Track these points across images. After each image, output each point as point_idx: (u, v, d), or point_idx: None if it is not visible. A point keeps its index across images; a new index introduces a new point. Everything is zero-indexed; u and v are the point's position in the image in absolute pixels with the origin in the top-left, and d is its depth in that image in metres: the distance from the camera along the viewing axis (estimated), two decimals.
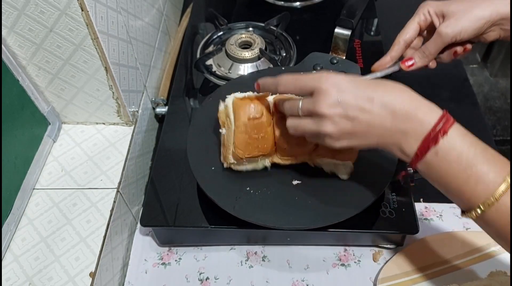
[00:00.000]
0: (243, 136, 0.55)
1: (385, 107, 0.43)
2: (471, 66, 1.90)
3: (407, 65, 0.59)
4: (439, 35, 0.56)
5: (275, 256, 0.65)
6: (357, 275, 0.62)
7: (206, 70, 0.80)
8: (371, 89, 0.44)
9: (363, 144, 0.46)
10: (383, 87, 0.44)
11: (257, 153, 0.56)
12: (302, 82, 0.47)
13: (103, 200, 0.61)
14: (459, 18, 0.55)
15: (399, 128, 0.43)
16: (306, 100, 0.47)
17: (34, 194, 0.62)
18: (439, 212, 0.67)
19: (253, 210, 0.56)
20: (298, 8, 0.96)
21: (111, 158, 0.66)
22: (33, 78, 0.62)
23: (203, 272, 0.64)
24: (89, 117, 0.69)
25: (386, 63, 0.61)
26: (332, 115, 0.44)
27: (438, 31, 0.56)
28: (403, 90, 0.44)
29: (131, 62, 0.69)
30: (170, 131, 0.73)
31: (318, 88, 0.45)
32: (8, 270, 0.55)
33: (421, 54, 0.59)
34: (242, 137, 0.55)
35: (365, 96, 0.43)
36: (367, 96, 0.43)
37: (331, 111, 0.44)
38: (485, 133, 0.75)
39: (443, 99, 0.81)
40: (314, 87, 0.45)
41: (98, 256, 0.56)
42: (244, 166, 0.59)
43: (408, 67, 0.59)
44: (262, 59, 0.81)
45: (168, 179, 0.67)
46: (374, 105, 0.43)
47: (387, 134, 0.44)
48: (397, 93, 0.44)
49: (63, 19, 0.54)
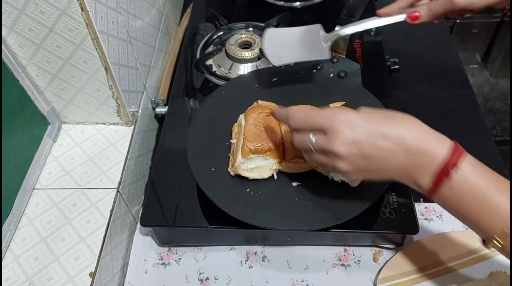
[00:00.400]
0: (253, 129, 0.58)
1: (398, 143, 0.43)
2: (471, 67, 1.90)
3: (413, 17, 0.59)
4: (450, 1, 0.55)
5: (275, 256, 0.65)
6: (357, 275, 0.62)
7: (206, 70, 0.80)
8: (383, 125, 0.44)
9: (378, 178, 0.46)
10: (394, 122, 0.44)
11: (266, 146, 0.57)
12: (314, 120, 0.47)
13: (103, 200, 0.61)
14: None
15: (412, 163, 0.43)
16: (319, 137, 0.46)
17: (34, 194, 0.62)
18: (439, 212, 0.67)
19: (253, 211, 0.56)
20: (298, 8, 0.96)
21: (111, 158, 0.66)
22: (33, 78, 0.62)
23: (203, 272, 0.64)
24: (89, 117, 0.69)
25: (393, 11, 0.60)
26: (346, 154, 0.44)
27: None
28: (414, 123, 0.44)
29: (131, 62, 0.69)
30: (170, 131, 0.73)
31: (331, 127, 0.45)
32: (8, 270, 0.55)
33: (428, 11, 0.58)
34: (252, 130, 0.57)
35: (378, 133, 0.44)
36: (380, 133, 0.44)
37: (345, 150, 0.44)
38: (485, 134, 0.75)
39: (443, 100, 0.81)
40: (327, 126, 0.45)
41: (98, 256, 0.56)
42: (251, 172, 0.59)
43: (413, 19, 0.59)
44: (262, 59, 0.81)
45: (168, 179, 0.67)
46: (387, 142, 0.43)
47: (401, 169, 0.44)
48: (408, 127, 0.44)
49: (63, 19, 0.54)
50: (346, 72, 0.70)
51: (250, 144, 0.57)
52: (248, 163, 0.58)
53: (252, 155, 0.57)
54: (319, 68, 0.71)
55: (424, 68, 0.85)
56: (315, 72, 0.71)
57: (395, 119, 0.45)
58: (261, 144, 0.57)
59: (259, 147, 0.57)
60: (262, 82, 0.71)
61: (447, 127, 0.75)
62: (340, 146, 0.44)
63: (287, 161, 0.58)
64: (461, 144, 0.76)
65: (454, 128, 0.76)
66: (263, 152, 0.57)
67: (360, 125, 0.44)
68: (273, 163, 0.59)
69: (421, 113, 0.77)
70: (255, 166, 0.59)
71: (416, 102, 0.79)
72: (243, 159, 0.57)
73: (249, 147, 0.57)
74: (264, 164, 0.59)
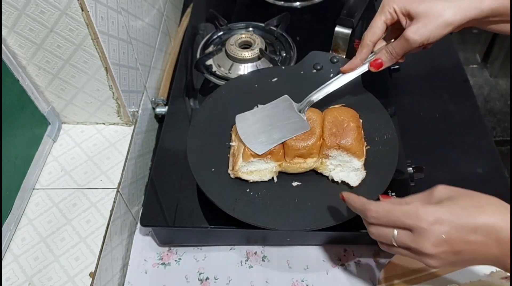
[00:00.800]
0: None
1: (490, 235, 0.42)
2: (471, 67, 1.89)
3: (376, 65, 0.59)
4: (407, 40, 0.55)
5: (275, 256, 0.65)
6: (357, 275, 0.62)
7: (206, 70, 0.80)
8: (472, 217, 0.42)
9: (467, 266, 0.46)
10: (483, 212, 0.42)
11: None
12: (397, 219, 0.44)
13: (103, 200, 0.61)
14: (427, 23, 0.53)
15: (505, 253, 0.42)
16: (404, 235, 0.44)
17: (34, 194, 0.62)
18: None
19: (253, 211, 0.56)
20: (298, 8, 0.96)
21: (111, 158, 0.66)
22: (33, 78, 0.62)
23: (203, 272, 0.64)
24: (89, 117, 0.69)
25: (356, 65, 0.61)
26: (437, 254, 0.43)
27: (406, 36, 0.55)
28: (501, 207, 0.43)
29: (131, 63, 0.69)
30: (170, 132, 0.73)
31: (418, 228, 0.43)
32: (8, 270, 0.55)
33: (389, 55, 0.58)
34: None
35: (468, 227, 0.42)
36: (470, 227, 0.42)
37: (436, 250, 0.43)
38: (485, 134, 0.75)
39: (443, 100, 0.81)
40: (412, 225, 0.43)
41: (98, 256, 0.56)
42: (251, 175, 0.59)
43: (377, 67, 0.59)
44: (262, 59, 0.81)
45: (168, 179, 0.67)
46: (478, 236, 0.42)
47: (494, 259, 0.43)
48: (497, 215, 0.42)
49: (63, 19, 0.54)
50: None
51: None
52: (249, 166, 0.58)
53: (253, 159, 0.57)
54: (319, 68, 0.71)
55: (424, 68, 0.85)
56: (315, 72, 0.71)
57: (482, 207, 0.43)
58: None
59: None
60: (262, 82, 0.71)
61: (447, 127, 0.76)
62: (430, 247, 0.43)
63: (287, 162, 0.58)
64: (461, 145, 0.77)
65: (454, 129, 0.76)
66: (264, 156, 0.57)
67: (448, 221, 0.42)
68: (273, 166, 0.59)
69: (421, 113, 0.77)
70: (255, 169, 0.59)
71: (416, 102, 0.79)
72: (243, 163, 0.57)
73: (250, 151, 0.57)
74: (264, 167, 0.59)
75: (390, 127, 0.63)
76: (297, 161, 0.58)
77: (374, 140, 0.62)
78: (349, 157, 0.58)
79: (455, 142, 0.73)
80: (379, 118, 0.64)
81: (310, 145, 0.57)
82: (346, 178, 0.58)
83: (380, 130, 0.63)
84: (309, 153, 0.58)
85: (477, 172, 0.70)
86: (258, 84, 0.71)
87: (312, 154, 0.58)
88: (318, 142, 0.58)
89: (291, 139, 0.57)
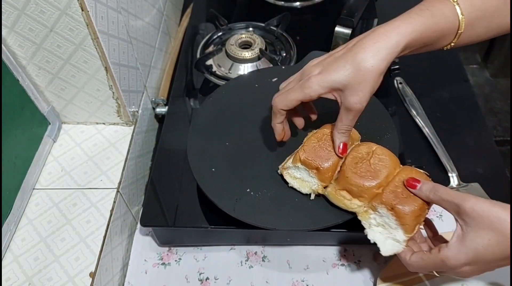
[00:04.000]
0: (315, 142, 0.55)
1: None
2: (471, 67, 1.89)
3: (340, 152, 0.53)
4: (350, 110, 0.49)
5: (275, 256, 0.65)
6: (357, 275, 0.62)
7: (206, 70, 0.80)
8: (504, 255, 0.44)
9: None
10: None
11: (315, 163, 0.53)
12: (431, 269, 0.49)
13: (103, 200, 0.61)
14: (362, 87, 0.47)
15: None
16: None
17: (34, 194, 0.62)
18: (439, 212, 0.67)
19: (253, 211, 0.56)
20: (298, 8, 0.96)
21: (111, 158, 0.66)
22: (33, 78, 0.62)
23: (203, 272, 0.64)
24: (89, 117, 0.69)
25: None
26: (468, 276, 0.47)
27: (347, 106, 0.49)
28: None
29: (131, 62, 0.69)
30: (170, 131, 0.73)
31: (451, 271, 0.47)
32: (8, 270, 0.55)
33: (340, 135, 0.52)
34: (313, 142, 0.55)
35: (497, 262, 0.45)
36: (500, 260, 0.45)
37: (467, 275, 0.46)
38: (486, 134, 0.75)
39: (444, 100, 0.81)
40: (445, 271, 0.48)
41: (98, 256, 0.56)
42: (293, 180, 0.57)
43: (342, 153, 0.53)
44: (262, 59, 0.81)
45: (168, 179, 0.67)
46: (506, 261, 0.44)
47: None
48: None
49: (63, 19, 0.54)
50: None
51: (303, 153, 0.54)
52: (295, 171, 0.56)
53: (300, 165, 0.55)
54: None
55: (424, 68, 0.85)
56: None
57: None
58: (312, 159, 0.54)
59: (309, 161, 0.54)
60: (262, 82, 0.71)
61: (447, 127, 0.76)
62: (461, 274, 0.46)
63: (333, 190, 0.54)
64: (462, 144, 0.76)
65: (454, 128, 0.76)
66: (311, 168, 0.54)
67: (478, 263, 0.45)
68: (316, 184, 0.55)
69: (421, 113, 0.77)
70: (299, 176, 0.56)
71: (416, 102, 0.79)
72: (291, 164, 0.56)
73: (300, 155, 0.54)
74: (308, 179, 0.56)
75: (390, 127, 0.63)
76: (343, 194, 0.53)
77: (374, 139, 0.62)
78: (396, 225, 0.50)
79: (455, 142, 0.73)
80: (379, 118, 0.64)
81: (366, 187, 0.51)
82: (380, 243, 0.52)
83: (380, 129, 0.63)
84: (359, 194, 0.52)
85: (477, 172, 0.70)
86: (258, 84, 0.71)
87: (363, 197, 0.52)
88: (375, 190, 0.51)
89: (351, 169, 0.52)
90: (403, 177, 0.51)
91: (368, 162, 0.52)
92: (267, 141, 0.63)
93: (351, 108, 0.49)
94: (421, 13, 0.48)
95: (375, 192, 0.51)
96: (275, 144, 0.62)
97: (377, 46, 0.47)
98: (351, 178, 0.51)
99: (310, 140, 0.55)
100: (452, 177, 0.68)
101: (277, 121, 0.55)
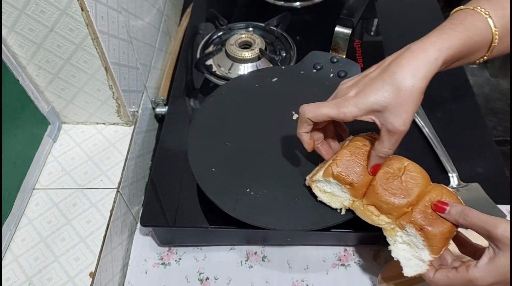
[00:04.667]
0: (348, 156, 0.52)
1: None
2: (471, 67, 1.89)
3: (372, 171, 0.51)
4: (394, 133, 0.46)
5: (275, 256, 0.65)
6: (357, 275, 0.62)
7: (206, 70, 0.80)
8: None
9: None
10: None
11: (349, 179, 0.51)
12: None
13: (103, 200, 0.61)
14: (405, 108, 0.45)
15: None
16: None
17: (34, 194, 0.62)
18: None
19: (254, 212, 0.56)
20: (298, 8, 0.96)
21: (111, 158, 0.66)
22: (33, 78, 0.62)
23: (203, 272, 0.64)
24: (89, 117, 0.69)
25: None
26: None
27: (390, 129, 0.46)
28: None
29: (131, 62, 0.69)
30: (170, 131, 0.73)
31: None
32: (8, 270, 0.55)
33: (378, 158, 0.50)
34: (346, 156, 0.52)
35: None
36: None
37: None
38: (486, 134, 0.75)
39: (444, 100, 0.81)
40: None
41: (98, 256, 0.56)
42: (322, 194, 0.55)
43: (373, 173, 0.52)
44: (262, 59, 0.81)
45: (168, 179, 0.67)
46: None
47: None
48: None
49: (63, 19, 0.54)
50: (346, 72, 0.70)
51: (336, 168, 0.51)
52: (325, 185, 0.54)
53: (332, 180, 0.52)
54: (319, 68, 0.71)
55: None
56: (315, 72, 0.71)
57: None
58: (346, 175, 0.51)
59: (342, 176, 0.51)
60: (262, 82, 0.71)
61: (447, 127, 0.76)
62: None
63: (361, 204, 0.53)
64: (462, 144, 0.76)
65: (454, 128, 0.76)
66: (344, 183, 0.52)
67: None
68: (348, 199, 0.53)
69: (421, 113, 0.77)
70: (329, 190, 0.54)
71: None
72: (322, 178, 0.53)
73: (333, 170, 0.51)
74: (339, 194, 0.54)
75: None
76: (371, 210, 0.51)
77: None
78: (423, 245, 0.49)
79: (455, 142, 0.73)
80: None
81: (397, 205, 0.49)
82: (404, 262, 0.51)
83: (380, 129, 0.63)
84: (388, 212, 0.50)
85: (477, 172, 0.70)
86: (258, 84, 0.71)
87: (391, 214, 0.50)
88: (405, 208, 0.49)
89: (381, 185, 0.50)
90: (433, 197, 0.49)
91: (400, 178, 0.50)
92: (268, 141, 0.63)
93: (395, 131, 0.46)
94: (455, 27, 0.47)
95: (405, 211, 0.49)
96: (275, 144, 0.62)
97: (416, 64, 0.44)
98: (381, 195, 0.50)
99: (343, 153, 0.52)
100: (452, 177, 0.68)
101: (303, 131, 0.52)
